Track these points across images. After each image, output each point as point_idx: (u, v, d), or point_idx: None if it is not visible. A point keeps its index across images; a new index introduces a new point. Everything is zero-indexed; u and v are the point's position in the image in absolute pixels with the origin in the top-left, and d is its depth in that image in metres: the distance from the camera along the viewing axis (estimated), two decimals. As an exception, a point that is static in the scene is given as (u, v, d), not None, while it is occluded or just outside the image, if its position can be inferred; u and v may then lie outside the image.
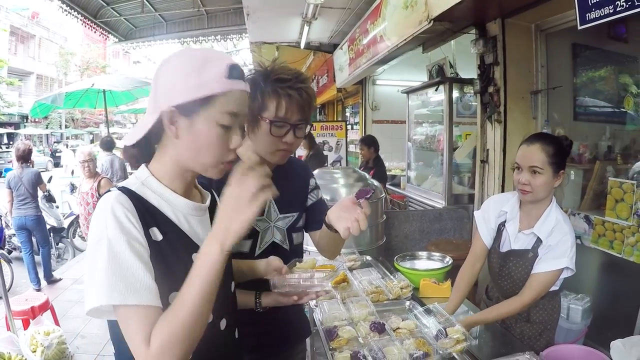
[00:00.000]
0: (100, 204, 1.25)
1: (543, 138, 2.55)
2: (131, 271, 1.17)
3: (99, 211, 1.23)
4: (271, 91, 1.84)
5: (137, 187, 1.33)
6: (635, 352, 2.21)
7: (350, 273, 3.23)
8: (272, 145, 1.88)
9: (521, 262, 2.59)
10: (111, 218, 1.20)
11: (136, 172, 1.38)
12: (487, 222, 2.82)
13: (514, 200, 2.72)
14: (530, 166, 2.46)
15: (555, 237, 2.49)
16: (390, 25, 5.75)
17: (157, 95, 1.31)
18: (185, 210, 1.39)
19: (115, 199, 1.24)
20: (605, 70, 4.59)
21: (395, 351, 2.13)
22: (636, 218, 3.50)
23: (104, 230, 1.19)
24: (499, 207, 2.78)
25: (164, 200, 1.35)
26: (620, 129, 4.44)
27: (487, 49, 4.74)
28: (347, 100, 12.90)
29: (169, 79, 1.29)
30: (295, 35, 9.19)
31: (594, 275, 4.27)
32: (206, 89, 1.26)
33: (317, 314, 2.66)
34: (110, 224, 1.19)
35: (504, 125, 4.73)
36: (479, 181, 5.20)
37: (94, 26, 11.04)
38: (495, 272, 2.78)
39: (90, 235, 1.23)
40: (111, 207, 1.21)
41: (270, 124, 1.84)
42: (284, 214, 2.08)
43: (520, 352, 2.33)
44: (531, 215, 2.61)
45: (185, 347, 1.16)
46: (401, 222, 5.27)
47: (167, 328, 1.14)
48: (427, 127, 7.26)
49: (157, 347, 1.12)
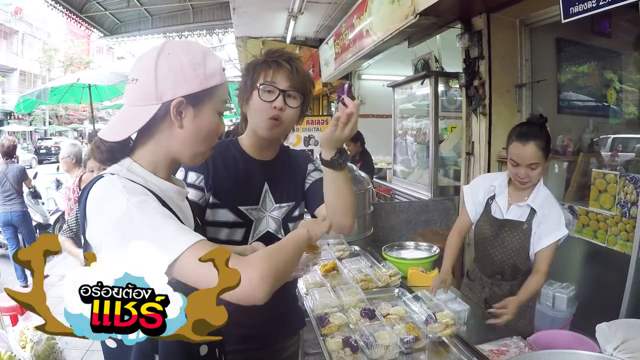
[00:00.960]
0: (103, 187, 1.25)
1: (534, 134, 2.65)
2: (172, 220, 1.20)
3: (105, 194, 1.23)
4: (262, 62, 1.90)
5: (124, 174, 1.33)
6: (619, 335, 2.25)
7: (340, 262, 3.27)
8: (263, 113, 1.86)
9: (515, 232, 2.72)
10: (123, 190, 1.21)
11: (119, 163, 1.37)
12: (474, 197, 2.98)
13: (503, 176, 2.88)
14: (529, 164, 2.62)
15: (547, 209, 2.67)
16: (376, 20, 5.77)
17: (157, 85, 1.30)
18: (170, 193, 1.41)
19: (119, 180, 1.26)
20: (589, 65, 4.65)
21: (386, 336, 2.17)
22: (619, 208, 3.56)
23: (126, 202, 1.18)
24: (489, 182, 2.94)
25: (151, 183, 1.37)
26: (603, 122, 4.51)
27: (473, 43, 4.78)
28: (332, 95, 12.88)
29: (173, 70, 1.31)
30: (281, 30, 9.18)
31: (578, 264, 4.32)
32: (214, 79, 1.35)
33: (307, 301, 2.68)
34: (128, 194, 1.20)
35: (489, 118, 4.78)
36: (464, 173, 5.26)
37: (79, 21, 10.92)
38: (487, 240, 2.86)
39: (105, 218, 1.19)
40: (122, 185, 1.23)
41: (259, 89, 1.86)
42: (279, 204, 2.06)
43: (508, 337, 2.39)
44: (521, 191, 2.76)
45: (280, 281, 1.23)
46: (388, 214, 5.30)
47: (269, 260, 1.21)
48: (412, 120, 7.29)
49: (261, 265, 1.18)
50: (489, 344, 2.30)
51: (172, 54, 1.33)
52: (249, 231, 2.00)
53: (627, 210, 3.51)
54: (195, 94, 1.32)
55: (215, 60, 1.37)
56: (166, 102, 1.30)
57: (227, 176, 1.94)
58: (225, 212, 1.93)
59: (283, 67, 1.88)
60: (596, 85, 4.62)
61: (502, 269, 2.84)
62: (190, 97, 1.31)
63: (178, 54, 1.32)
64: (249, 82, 1.90)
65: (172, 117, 1.32)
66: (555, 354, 1.68)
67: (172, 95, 1.30)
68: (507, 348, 2.25)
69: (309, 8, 7.48)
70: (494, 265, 2.87)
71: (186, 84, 1.30)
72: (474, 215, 3.00)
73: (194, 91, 1.31)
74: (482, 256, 2.96)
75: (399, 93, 7.57)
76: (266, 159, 2.04)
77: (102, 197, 1.23)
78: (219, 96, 1.38)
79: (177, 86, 1.30)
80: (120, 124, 1.35)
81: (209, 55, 1.36)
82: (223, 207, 1.93)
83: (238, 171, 1.96)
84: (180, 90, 1.30)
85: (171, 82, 1.30)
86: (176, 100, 1.30)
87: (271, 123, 1.88)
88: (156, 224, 1.16)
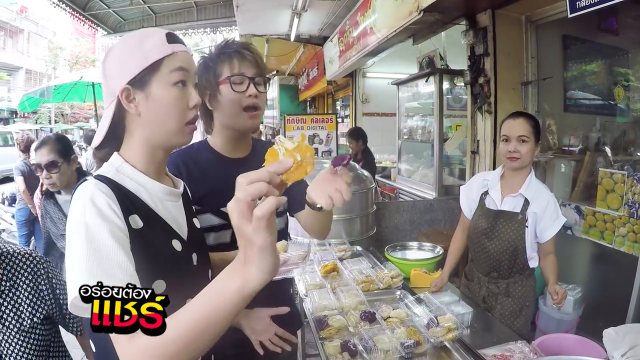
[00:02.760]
0: (79, 193, 1.22)
1: (524, 113, 2.88)
2: (112, 258, 1.11)
3: (77, 200, 1.20)
4: (221, 56, 1.89)
5: (113, 175, 1.32)
6: (627, 340, 2.19)
7: (341, 263, 3.21)
8: (237, 105, 1.86)
9: (511, 224, 2.79)
10: (89, 205, 1.17)
11: (109, 160, 1.37)
12: (468, 194, 3.07)
13: (496, 171, 2.97)
14: (519, 136, 2.72)
15: (542, 200, 2.75)
16: (381, 17, 5.73)
17: (108, 83, 1.34)
18: (161, 195, 1.39)
19: (95, 186, 1.22)
20: (596, 62, 4.59)
21: (386, 340, 2.11)
22: (627, 208, 3.50)
23: (82, 217, 1.15)
24: (482, 177, 3.05)
25: (141, 185, 1.35)
26: (610, 120, 4.45)
27: (478, 40, 4.73)
28: (337, 93, 12.88)
29: (115, 63, 1.34)
30: (285, 28, 9.13)
31: (585, 266, 4.28)
32: (152, 56, 1.31)
33: (307, 303, 2.64)
34: (89, 211, 1.16)
35: (494, 116, 4.72)
36: (469, 172, 5.20)
37: (83, 19, 10.93)
38: (483, 233, 2.90)
39: (67, 225, 1.18)
40: (90, 195, 1.19)
41: (229, 80, 1.84)
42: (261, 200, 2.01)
43: (513, 340, 2.33)
44: (514, 182, 2.84)
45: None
46: (392, 213, 5.26)
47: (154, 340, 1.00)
48: (417, 119, 7.24)
49: (138, 351, 1.03)
50: (493, 348, 2.24)
51: (114, 49, 1.36)
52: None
53: (635, 211, 3.45)
54: (140, 77, 1.30)
55: (153, 36, 1.34)
56: (119, 92, 1.31)
57: (203, 181, 1.91)
58: (209, 217, 1.92)
59: (244, 55, 1.89)
60: (603, 83, 4.56)
61: (498, 264, 2.86)
62: (134, 81, 1.31)
63: (118, 47, 1.36)
64: (212, 78, 1.88)
65: (126, 107, 1.32)
66: (561, 361, 1.61)
67: (121, 85, 1.30)
68: (510, 353, 2.18)
69: (312, 5, 7.43)
70: (490, 260, 2.89)
71: (128, 70, 1.31)
72: (469, 213, 3.06)
73: (135, 74, 1.30)
74: (478, 252, 2.97)
75: (403, 91, 7.51)
76: (241, 156, 2.04)
77: (74, 204, 1.21)
78: (167, 68, 1.33)
79: (121, 76, 1.31)
80: (98, 129, 1.39)
81: (147, 35, 1.35)
82: (206, 212, 1.91)
83: (215, 174, 1.94)
84: (125, 78, 1.30)
85: (117, 75, 1.32)
86: (120, 89, 1.30)
87: (250, 114, 1.89)
88: (85, 254, 1.10)
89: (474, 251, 3.03)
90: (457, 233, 3.19)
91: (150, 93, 1.32)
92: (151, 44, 1.32)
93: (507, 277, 2.86)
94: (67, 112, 38.52)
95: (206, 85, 1.89)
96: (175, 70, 1.33)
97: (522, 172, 2.81)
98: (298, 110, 16.51)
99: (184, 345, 1.01)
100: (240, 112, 1.88)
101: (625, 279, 3.54)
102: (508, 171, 2.87)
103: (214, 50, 1.94)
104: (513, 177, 2.84)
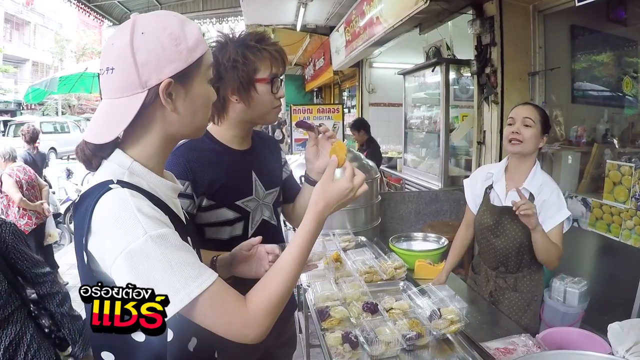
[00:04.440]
0: (116, 205, 1.12)
1: (535, 105, 2.80)
2: (188, 255, 1.13)
3: (120, 214, 1.10)
4: (262, 52, 1.86)
5: (128, 177, 1.21)
6: (632, 335, 2.17)
7: (344, 253, 3.19)
8: (269, 104, 1.92)
9: (516, 220, 2.61)
10: (143, 217, 1.10)
11: (116, 161, 1.25)
12: (472, 188, 3.00)
13: (501, 164, 2.88)
14: (524, 117, 2.63)
15: (546, 193, 2.64)
16: (387, 6, 5.69)
17: (139, 71, 1.17)
18: (168, 192, 1.33)
19: (131, 195, 1.13)
20: (604, 53, 4.55)
21: (388, 332, 2.10)
22: (634, 201, 3.46)
23: (145, 234, 1.08)
24: (486, 170, 2.96)
25: (152, 184, 1.27)
26: (618, 112, 4.40)
27: (485, 30, 4.68)
28: (343, 83, 12.88)
29: (154, 51, 1.17)
30: (291, 18, 9.09)
31: (591, 259, 4.25)
32: (198, 50, 1.23)
33: (309, 293, 2.63)
34: (146, 224, 1.09)
35: (501, 107, 4.68)
36: (475, 163, 5.17)
37: (88, 10, 10.96)
38: (489, 229, 2.81)
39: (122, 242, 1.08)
40: (136, 207, 1.11)
41: (271, 82, 1.88)
42: (269, 190, 2.08)
43: (516, 334, 2.31)
44: (518, 175, 2.73)
45: (280, 307, 1.23)
46: (397, 204, 5.23)
47: (266, 294, 1.21)
48: (423, 109, 7.21)
49: (256, 309, 1.18)
50: (496, 341, 2.22)
51: (148, 32, 1.18)
52: (247, 223, 2.00)
53: (642, 204, 3.41)
54: (183, 71, 1.21)
55: (194, 28, 1.25)
56: (153, 87, 1.18)
57: (216, 176, 1.90)
58: (224, 211, 1.92)
59: (277, 54, 1.91)
60: (611, 74, 4.51)
61: (506, 260, 2.77)
62: (177, 75, 1.20)
63: (154, 31, 1.18)
64: (249, 73, 1.84)
65: (163, 102, 1.20)
66: (565, 355, 1.58)
67: (158, 78, 1.17)
68: (514, 346, 2.16)
69: (318, -5, 7.38)
70: (497, 255, 2.80)
71: (171, 62, 1.18)
72: (474, 207, 2.98)
73: (181, 69, 1.20)
74: (485, 247, 2.89)
75: (410, 81, 7.49)
76: (246, 148, 2.05)
77: (115, 218, 1.10)
78: (205, 65, 1.28)
79: (162, 67, 1.17)
80: (106, 122, 1.20)
81: (187, 24, 1.23)
82: (221, 207, 1.92)
83: (225, 168, 1.94)
84: (166, 71, 1.18)
85: (154, 65, 1.17)
86: (164, 83, 1.17)
87: (276, 111, 1.98)
88: (171, 263, 1.09)
89: (480, 246, 2.97)
90: (461, 228, 3.10)
91: (192, 90, 1.25)
92: (195, 34, 1.23)
93: (515, 272, 2.78)
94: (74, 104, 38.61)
95: (241, 78, 1.84)
96: (210, 66, 1.31)
97: (526, 164, 2.70)
98: (305, 100, 16.51)
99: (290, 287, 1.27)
100: (271, 111, 1.95)
101: (631, 273, 3.52)
102: (512, 163, 2.77)
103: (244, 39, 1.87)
104: (517, 168, 2.74)
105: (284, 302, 1.25)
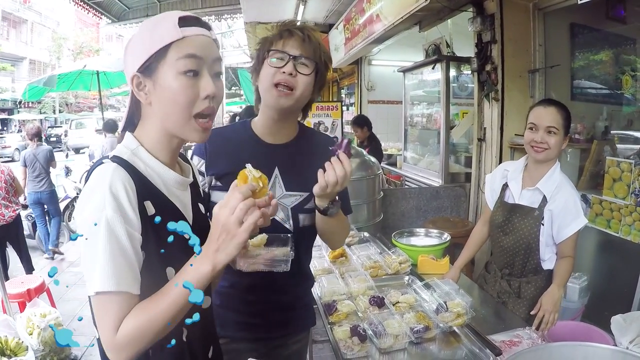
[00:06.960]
0: (97, 177, 1.19)
1: (556, 102, 2.66)
2: (124, 256, 1.15)
3: (96, 186, 1.17)
4: (276, 33, 1.83)
5: (128, 157, 1.27)
6: (635, 327, 2.21)
7: (348, 248, 3.23)
8: (270, 78, 1.76)
9: (526, 219, 2.64)
10: (109, 197, 1.14)
11: (124, 141, 1.33)
12: (492, 184, 2.96)
13: (519, 163, 2.83)
14: (548, 126, 2.55)
15: (562, 197, 2.59)
16: (387, 4, 5.69)
17: (127, 69, 1.31)
18: (172, 183, 1.35)
19: (114, 173, 1.18)
20: (604, 51, 4.58)
21: (396, 325, 2.12)
22: (634, 197, 3.49)
23: (102, 209, 1.13)
24: (503, 167, 2.95)
25: (154, 171, 1.31)
26: (617, 109, 4.44)
27: (485, 27, 4.70)
28: (342, 80, 12.85)
29: (130, 49, 1.29)
30: (290, 15, 9.04)
31: (591, 254, 4.28)
32: (163, 39, 1.23)
33: (315, 288, 2.62)
34: (109, 204, 1.14)
35: (501, 104, 4.71)
36: (476, 160, 5.19)
37: (87, 7, 10.92)
38: (499, 226, 2.80)
39: (85, 211, 1.15)
40: (109, 184, 1.16)
41: (268, 53, 1.79)
42: (290, 192, 1.91)
43: (521, 327, 2.34)
44: (535, 175, 2.69)
45: (148, 343, 1.16)
46: (398, 200, 5.26)
47: (138, 323, 1.14)
48: (423, 106, 7.23)
49: (123, 337, 1.13)
50: (501, 334, 2.25)
51: (132, 37, 1.32)
52: None
53: (642, 200, 3.44)
54: (148, 64, 1.24)
55: (167, 19, 1.25)
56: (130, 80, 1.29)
57: (228, 159, 1.84)
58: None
59: (295, 34, 1.79)
60: (611, 72, 4.55)
61: (512, 261, 2.76)
62: (143, 68, 1.25)
63: (138, 30, 1.31)
64: (261, 55, 1.83)
65: (137, 95, 1.29)
66: (569, 347, 1.61)
67: (132, 72, 1.27)
68: (519, 339, 2.20)
69: (318, -8, 7.38)
70: (504, 255, 2.80)
71: (138, 56, 1.26)
72: (492, 204, 2.95)
73: (143, 60, 1.24)
74: (495, 245, 2.90)
75: (409, 78, 7.51)
76: (279, 142, 1.94)
77: (92, 189, 1.18)
78: (173, 55, 1.23)
79: (133, 62, 1.27)
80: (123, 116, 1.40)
81: (160, 22, 1.26)
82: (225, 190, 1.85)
83: (242, 154, 1.77)
84: (135, 65, 1.26)
85: (130, 61, 1.29)
86: (129, 77, 1.28)
87: (280, 90, 1.77)
88: (102, 252, 1.12)
89: (492, 243, 2.97)
90: (477, 225, 3.09)
91: (158, 81, 1.25)
92: (163, 28, 1.24)
93: (520, 276, 2.76)
94: (71, 102, 38.53)
95: (256, 62, 1.85)
96: (184, 57, 1.23)
97: (546, 165, 2.66)
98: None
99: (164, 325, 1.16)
100: (271, 87, 1.77)
101: (631, 268, 3.54)
102: (531, 162, 2.73)
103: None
104: (536, 169, 2.70)
105: (157, 334, 1.17)
